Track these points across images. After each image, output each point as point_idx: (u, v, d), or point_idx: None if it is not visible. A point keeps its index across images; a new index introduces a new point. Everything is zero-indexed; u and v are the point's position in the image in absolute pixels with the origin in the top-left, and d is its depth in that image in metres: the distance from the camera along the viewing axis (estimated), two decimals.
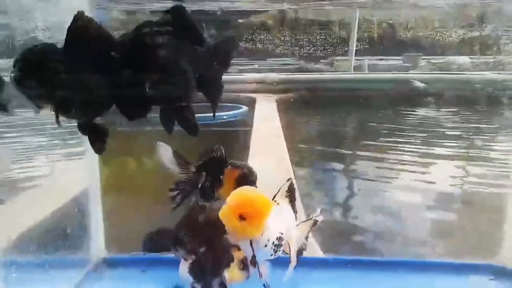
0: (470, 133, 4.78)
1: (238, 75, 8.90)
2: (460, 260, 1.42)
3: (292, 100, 6.65)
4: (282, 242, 1.05)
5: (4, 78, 1.05)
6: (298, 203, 2.34)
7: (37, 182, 1.44)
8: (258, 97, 6.45)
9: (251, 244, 1.00)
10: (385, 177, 3.41)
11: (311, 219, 1.18)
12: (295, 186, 1.13)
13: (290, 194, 1.13)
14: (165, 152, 1.25)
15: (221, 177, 1.21)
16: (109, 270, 1.44)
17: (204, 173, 1.21)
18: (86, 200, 1.34)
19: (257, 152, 3.38)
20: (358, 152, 4.13)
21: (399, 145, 4.27)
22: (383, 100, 6.22)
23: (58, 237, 1.32)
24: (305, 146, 4.42)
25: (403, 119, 5.82)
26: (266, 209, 1.02)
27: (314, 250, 1.64)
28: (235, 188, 1.12)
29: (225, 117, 5.39)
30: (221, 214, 0.98)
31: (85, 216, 1.42)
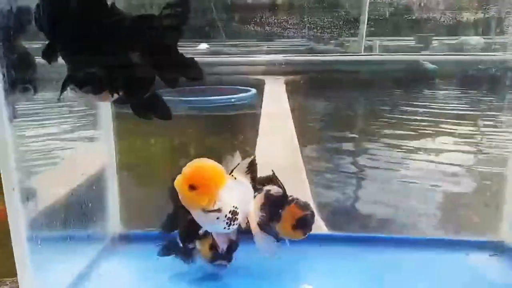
0: (478, 113, 4.77)
1: (245, 57, 8.86)
2: (459, 237, 1.46)
3: (301, 81, 6.63)
4: (237, 216, 1.06)
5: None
6: (305, 181, 2.39)
7: (58, 162, 1.51)
8: (267, 79, 6.43)
9: (202, 214, 1.02)
10: (392, 156, 3.44)
11: (263, 191, 1.18)
12: (257, 163, 1.13)
13: (252, 171, 1.12)
14: (238, 164, 1.24)
15: (280, 211, 1.22)
16: (125, 245, 1.52)
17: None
18: (103, 179, 1.41)
19: (266, 133, 3.43)
20: (367, 132, 4.15)
21: (408, 126, 4.29)
22: (392, 81, 6.18)
23: (78, 213, 1.39)
24: (314, 126, 4.45)
25: (412, 100, 5.79)
26: (219, 181, 1.03)
27: (319, 226, 1.69)
28: (295, 227, 1.15)
29: (233, 100, 5.41)
30: (175, 184, 1.01)
31: (102, 193, 1.49)
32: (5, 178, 1.03)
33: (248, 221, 1.10)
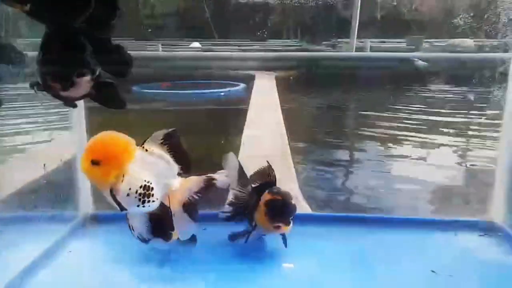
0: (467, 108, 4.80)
1: (236, 52, 8.84)
2: (449, 217, 1.41)
3: (291, 78, 6.60)
4: (152, 192, 0.93)
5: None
6: (291, 167, 2.35)
7: (33, 149, 1.45)
8: (257, 74, 6.39)
9: (111, 192, 0.89)
10: (383, 149, 3.40)
11: (205, 175, 1.04)
12: (178, 134, 0.96)
13: (170, 143, 0.97)
14: (231, 165, 1.14)
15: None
16: (95, 225, 1.46)
17: (256, 197, 1.13)
18: (76, 165, 1.34)
19: (254, 121, 3.37)
20: (358, 126, 4.12)
21: (398, 123, 4.26)
22: (384, 78, 6.18)
23: (50, 195, 1.35)
24: (303, 121, 4.42)
25: (403, 97, 5.78)
26: (124, 154, 0.91)
27: (303, 207, 1.63)
28: (266, 214, 1.04)
29: (222, 93, 5.37)
30: (80, 160, 0.87)
31: (75, 178, 1.43)
32: None
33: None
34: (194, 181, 1.04)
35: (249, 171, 1.21)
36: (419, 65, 6.66)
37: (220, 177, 1.08)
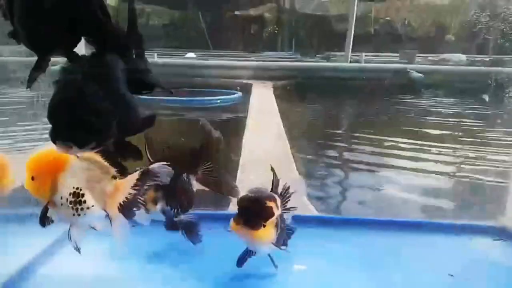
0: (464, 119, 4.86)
1: (233, 62, 8.87)
2: (463, 222, 1.38)
3: (288, 88, 6.61)
4: (84, 198, 0.92)
5: None
6: (293, 170, 2.32)
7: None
8: (255, 83, 6.39)
9: (46, 205, 0.92)
10: (380, 159, 3.38)
11: (136, 171, 1.01)
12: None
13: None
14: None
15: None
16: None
17: None
18: None
19: (254, 126, 3.35)
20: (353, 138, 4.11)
21: (393, 133, 4.26)
22: (379, 89, 6.21)
23: None
24: (301, 130, 4.40)
25: (398, 108, 5.81)
26: (55, 166, 0.93)
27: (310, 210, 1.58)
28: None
29: (218, 101, 5.35)
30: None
31: None
32: None
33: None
34: (129, 179, 0.99)
35: (252, 175, 1.17)
36: (415, 77, 6.73)
37: (156, 168, 1.02)
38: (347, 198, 2.61)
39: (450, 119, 5.06)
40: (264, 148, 2.76)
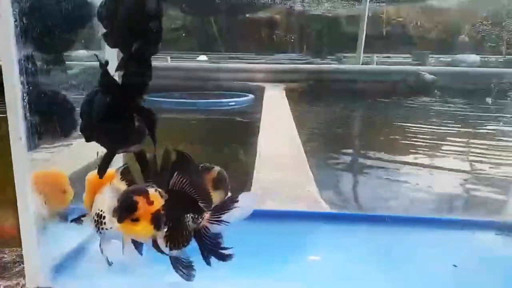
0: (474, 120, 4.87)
1: (246, 64, 8.95)
2: (465, 217, 1.44)
3: (300, 90, 6.68)
4: (104, 220, 1.09)
5: None
6: (308, 172, 2.38)
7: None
8: (267, 85, 6.49)
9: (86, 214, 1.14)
10: (391, 163, 3.42)
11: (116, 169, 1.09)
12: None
13: (127, 179, 1.07)
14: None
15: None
16: None
17: None
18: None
19: (267, 129, 3.42)
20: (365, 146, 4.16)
21: (405, 134, 4.30)
22: (391, 91, 6.24)
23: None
24: (313, 131, 4.46)
25: (410, 110, 5.83)
26: (98, 187, 1.12)
27: (321, 206, 1.66)
28: None
29: (233, 103, 5.48)
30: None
31: None
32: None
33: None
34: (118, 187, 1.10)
35: (267, 174, 1.24)
36: (427, 79, 6.73)
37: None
38: (363, 195, 2.67)
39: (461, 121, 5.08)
40: (278, 150, 2.85)
